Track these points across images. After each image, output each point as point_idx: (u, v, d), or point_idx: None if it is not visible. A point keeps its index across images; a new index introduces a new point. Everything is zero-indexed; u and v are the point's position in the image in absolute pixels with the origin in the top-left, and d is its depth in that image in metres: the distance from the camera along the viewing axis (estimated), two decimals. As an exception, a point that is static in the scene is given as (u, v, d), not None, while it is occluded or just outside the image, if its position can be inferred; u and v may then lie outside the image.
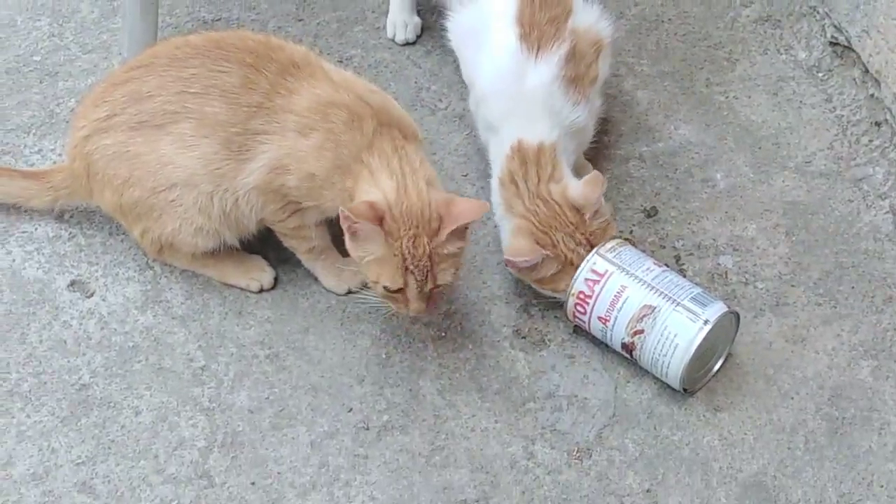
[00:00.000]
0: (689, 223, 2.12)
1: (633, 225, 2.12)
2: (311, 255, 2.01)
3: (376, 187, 1.80)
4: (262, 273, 2.04)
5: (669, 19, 2.43)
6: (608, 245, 1.91)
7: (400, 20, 2.39)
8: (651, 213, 2.14)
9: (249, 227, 1.96)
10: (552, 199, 1.94)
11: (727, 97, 2.31)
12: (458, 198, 1.83)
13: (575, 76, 2.02)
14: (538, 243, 1.92)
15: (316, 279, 2.02)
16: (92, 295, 2.00)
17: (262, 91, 1.86)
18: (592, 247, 1.92)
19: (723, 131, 2.25)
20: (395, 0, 2.39)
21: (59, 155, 2.15)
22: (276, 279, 2.04)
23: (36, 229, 2.06)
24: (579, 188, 1.93)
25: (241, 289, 2.03)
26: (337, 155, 1.84)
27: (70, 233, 2.07)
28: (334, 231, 1.97)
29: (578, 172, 2.02)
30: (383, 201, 1.78)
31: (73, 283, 2.01)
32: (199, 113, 1.86)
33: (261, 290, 2.03)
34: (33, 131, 2.20)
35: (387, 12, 2.40)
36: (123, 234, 2.03)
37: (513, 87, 2.01)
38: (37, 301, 1.98)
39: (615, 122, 2.24)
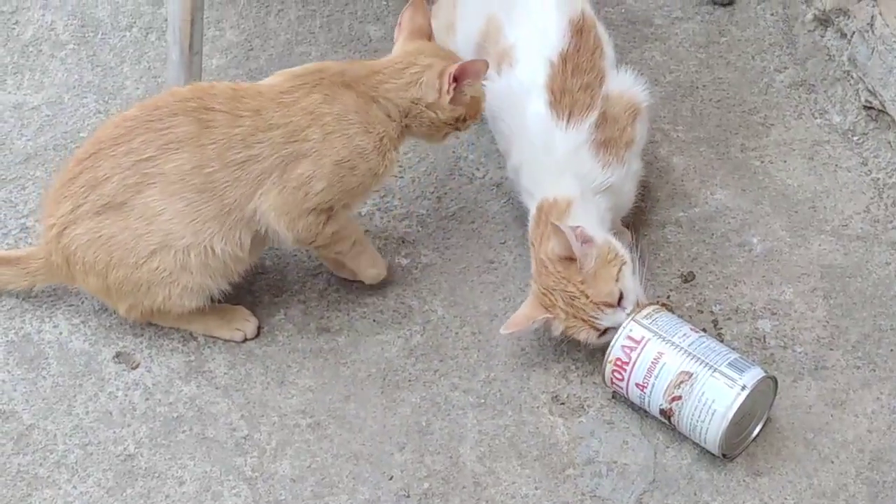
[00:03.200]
0: (727, 288, 2.13)
1: (671, 290, 2.13)
2: (356, 249, 2.06)
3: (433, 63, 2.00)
4: (245, 323, 2.08)
5: (704, 85, 2.45)
6: (644, 312, 1.93)
7: (438, 90, 2.42)
8: (688, 278, 2.15)
9: (239, 267, 1.99)
10: (545, 257, 1.97)
11: (763, 162, 2.32)
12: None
13: (606, 140, 2.05)
14: (543, 306, 1.97)
15: (355, 345, 2.05)
16: (137, 366, 2.03)
17: (223, 122, 1.90)
18: (589, 296, 1.93)
19: (759, 196, 2.27)
20: (433, 71, 2.43)
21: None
22: (259, 328, 2.07)
23: (82, 302, 2.10)
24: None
25: (226, 340, 2.06)
26: (343, 126, 1.93)
27: (115, 303, 2.11)
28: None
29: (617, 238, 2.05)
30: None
31: (118, 355, 2.05)
32: (162, 174, 1.89)
33: (244, 340, 2.06)
34: (80, 206, 2.25)
35: (424, 83, 2.44)
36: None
37: (544, 155, 2.05)
38: (83, 373, 2.02)
39: (651, 188, 2.26)
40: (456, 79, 1.99)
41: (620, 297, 1.95)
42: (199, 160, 1.90)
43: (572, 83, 2.06)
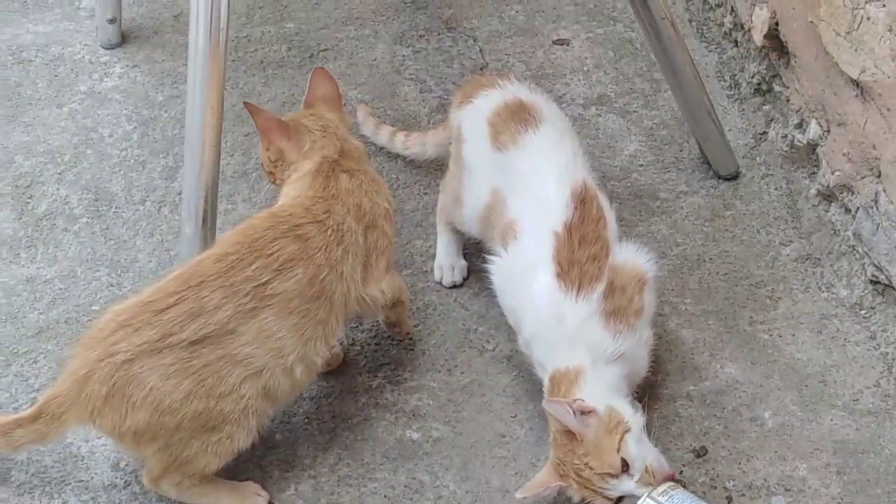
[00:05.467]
0: (740, 463, 2.12)
1: (683, 465, 2.12)
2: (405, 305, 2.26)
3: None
4: (256, 498, 2.06)
5: (711, 259, 2.47)
6: (661, 488, 1.92)
7: (447, 263, 2.45)
8: (700, 453, 2.14)
9: (309, 381, 2.09)
10: (554, 430, 1.99)
11: (771, 335, 2.33)
12: None
13: (616, 309, 2.07)
14: (559, 474, 1.97)
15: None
16: (148, 544, 2.01)
17: (316, 231, 2.05)
18: (593, 468, 1.93)
19: (769, 370, 2.27)
20: (442, 244, 2.46)
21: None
22: (271, 503, 2.06)
23: (92, 478, 2.09)
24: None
25: None
26: (375, 186, 2.19)
27: (125, 481, 2.09)
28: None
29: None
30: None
31: (129, 532, 2.03)
32: (279, 295, 1.98)
33: None
34: (91, 379, 2.25)
35: (434, 256, 2.47)
36: (178, 481, 2.05)
37: (554, 327, 2.06)
38: (92, 551, 2.00)
39: (661, 361, 2.26)
40: None
41: (626, 466, 1.94)
42: (314, 271, 2.01)
43: (580, 254, 2.09)
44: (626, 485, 1.93)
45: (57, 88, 2.85)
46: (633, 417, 1.97)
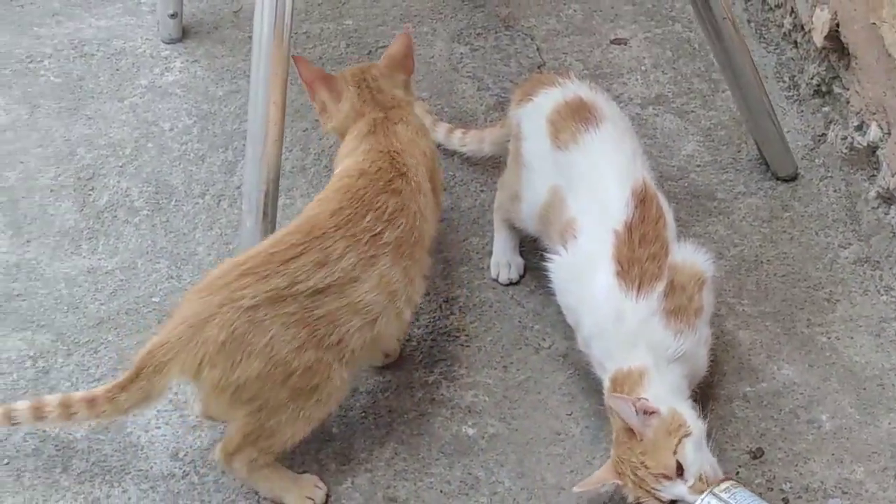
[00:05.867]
0: (796, 465, 2.12)
1: (739, 466, 2.12)
2: None
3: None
4: (315, 490, 2.08)
5: (768, 260, 2.47)
6: (723, 486, 1.92)
7: (503, 261, 2.45)
8: (757, 455, 2.13)
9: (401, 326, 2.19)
10: (616, 428, 2.00)
11: (829, 338, 2.32)
12: None
13: (676, 308, 2.07)
14: (617, 472, 1.97)
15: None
16: (205, 534, 2.04)
17: (404, 182, 2.14)
18: (648, 468, 1.93)
19: (826, 372, 2.26)
20: (499, 241, 2.47)
21: (175, 393, 2.21)
22: (327, 496, 2.07)
23: (151, 468, 2.11)
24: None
25: None
26: (424, 129, 2.32)
27: (184, 471, 2.11)
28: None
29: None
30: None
31: (186, 522, 2.05)
32: (392, 243, 2.07)
33: None
34: (151, 370, 2.27)
35: (490, 253, 2.47)
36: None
37: (615, 326, 2.06)
38: (151, 540, 2.02)
39: (718, 361, 2.26)
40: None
41: (681, 470, 1.94)
42: (412, 220, 2.12)
43: (640, 253, 2.09)
44: (679, 489, 1.93)
45: (118, 82, 2.88)
46: (696, 423, 1.97)
